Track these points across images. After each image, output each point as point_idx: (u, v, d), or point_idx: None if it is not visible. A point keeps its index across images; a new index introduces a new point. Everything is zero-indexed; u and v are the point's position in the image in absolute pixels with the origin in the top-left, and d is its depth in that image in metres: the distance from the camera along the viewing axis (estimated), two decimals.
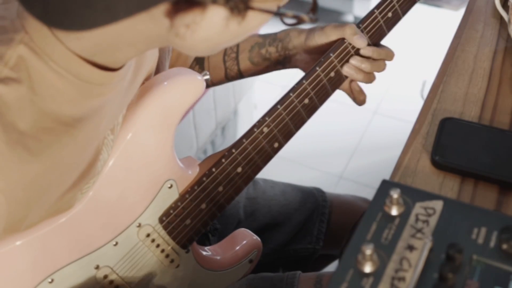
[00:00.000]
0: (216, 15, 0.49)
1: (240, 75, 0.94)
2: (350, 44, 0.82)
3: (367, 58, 0.84)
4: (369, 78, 0.86)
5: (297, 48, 0.88)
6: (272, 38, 0.90)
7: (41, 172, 0.58)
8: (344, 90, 0.90)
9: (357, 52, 0.83)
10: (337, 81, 0.83)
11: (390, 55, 0.86)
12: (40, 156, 0.57)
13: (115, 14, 0.46)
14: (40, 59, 0.55)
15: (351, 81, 0.88)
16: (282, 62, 0.90)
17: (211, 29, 0.51)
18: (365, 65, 0.83)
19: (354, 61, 0.83)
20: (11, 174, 0.55)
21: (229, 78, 0.95)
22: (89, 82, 0.57)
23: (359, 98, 0.90)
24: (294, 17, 0.54)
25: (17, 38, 0.55)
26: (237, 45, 0.92)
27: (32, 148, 0.56)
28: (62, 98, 0.57)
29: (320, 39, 0.84)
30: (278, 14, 0.53)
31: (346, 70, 0.83)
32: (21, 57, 0.54)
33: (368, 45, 0.83)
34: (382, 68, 0.86)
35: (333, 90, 0.84)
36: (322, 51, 0.84)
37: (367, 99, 0.91)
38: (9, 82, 0.54)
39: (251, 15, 0.51)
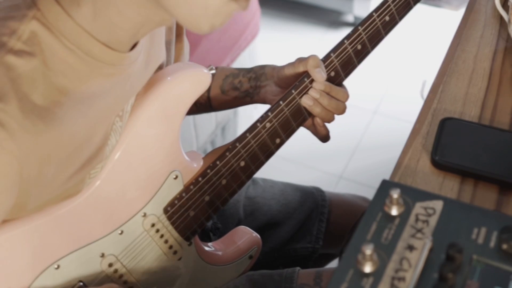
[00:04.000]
0: None
1: (209, 103, 0.94)
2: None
3: (326, 93, 0.82)
4: (327, 115, 0.83)
5: (269, 79, 0.87)
6: (247, 70, 0.90)
7: (53, 146, 0.59)
8: (307, 126, 0.87)
9: None
10: (337, 83, 0.84)
11: (344, 96, 0.83)
12: (53, 128, 0.58)
13: None
14: (52, 35, 0.57)
15: (314, 116, 0.85)
16: (251, 94, 0.89)
17: None
18: (322, 99, 0.81)
19: (313, 92, 0.81)
20: (24, 141, 0.56)
21: (197, 105, 0.94)
22: (99, 61, 0.60)
23: (321, 133, 0.87)
24: None
25: (29, 14, 0.57)
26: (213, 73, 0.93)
27: (45, 118, 0.57)
28: (73, 74, 0.59)
29: (288, 71, 0.84)
30: None
31: (304, 100, 0.81)
32: (33, 32, 0.56)
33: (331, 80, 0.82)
34: (340, 110, 0.83)
35: None
36: (290, 84, 0.83)
37: (367, 99, 0.90)
38: (22, 54, 0.56)
39: None
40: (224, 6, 0.56)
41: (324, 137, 0.88)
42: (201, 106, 0.95)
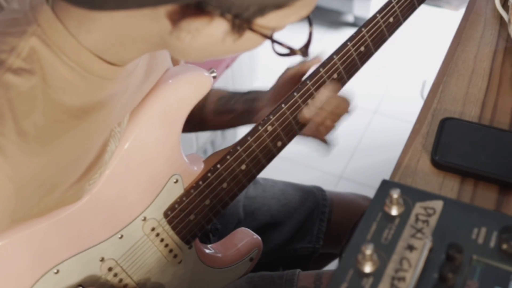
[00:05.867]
0: (219, 27, 0.51)
1: (203, 125, 0.94)
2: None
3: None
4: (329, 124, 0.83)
5: (264, 101, 0.88)
6: (240, 94, 0.91)
7: (50, 163, 0.59)
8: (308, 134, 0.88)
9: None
10: (342, 83, 0.84)
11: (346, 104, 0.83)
12: (50, 147, 0.58)
13: (125, 1, 0.47)
14: (52, 52, 0.56)
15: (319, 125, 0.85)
16: (247, 117, 0.90)
17: (209, 40, 0.53)
18: (327, 106, 0.81)
19: (315, 103, 0.80)
20: (20, 163, 0.56)
21: (190, 126, 0.93)
22: (97, 76, 0.59)
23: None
24: (288, 48, 0.55)
25: (29, 30, 0.56)
26: (206, 95, 0.93)
27: (42, 138, 0.57)
28: (71, 91, 0.58)
29: (278, 82, 0.85)
30: (273, 41, 0.55)
31: (304, 113, 0.81)
32: (33, 49, 0.55)
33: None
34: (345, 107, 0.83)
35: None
36: (287, 93, 0.83)
37: (367, 99, 0.90)
38: (22, 72, 0.55)
39: (247, 36, 0.53)
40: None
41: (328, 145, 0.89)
42: (194, 126, 0.94)
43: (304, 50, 0.57)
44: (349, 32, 0.83)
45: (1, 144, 0.54)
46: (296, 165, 1.94)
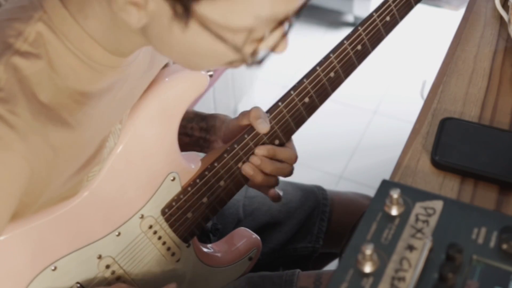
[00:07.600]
0: (161, 10, 0.50)
1: None
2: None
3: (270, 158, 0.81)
4: (268, 181, 0.82)
5: (217, 133, 0.86)
6: (201, 117, 0.89)
7: (59, 148, 0.59)
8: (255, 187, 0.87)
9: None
10: (337, 83, 0.84)
11: (292, 157, 0.83)
12: (59, 130, 0.58)
13: None
14: (57, 38, 0.57)
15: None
16: (201, 145, 0.88)
17: (157, 25, 0.52)
18: (265, 165, 0.80)
19: (254, 159, 0.79)
20: (34, 143, 0.56)
21: None
22: (100, 64, 0.60)
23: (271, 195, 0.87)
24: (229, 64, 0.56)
25: (36, 16, 0.57)
26: None
27: (52, 120, 0.57)
28: (75, 77, 0.59)
29: (232, 123, 0.84)
30: (219, 38, 0.52)
31: (245, 169, 0.80)
32: (39, 33, 0.56)
33: (273, 136, 0.80)
34: (286, 172, 0.83)
35: (333, 90, 0.84)
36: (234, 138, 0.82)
37: (367, 99, 0.90)
38: (29, 56, 0.56)
39: (195, 29, 0.51)
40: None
41: (277, 198, 0.87)
42: None
43: (253, 61, 0.56)
44: (349, 32, 0.83)
45: (14, 123, 0.54)
46: (296, 165, 1.94)
